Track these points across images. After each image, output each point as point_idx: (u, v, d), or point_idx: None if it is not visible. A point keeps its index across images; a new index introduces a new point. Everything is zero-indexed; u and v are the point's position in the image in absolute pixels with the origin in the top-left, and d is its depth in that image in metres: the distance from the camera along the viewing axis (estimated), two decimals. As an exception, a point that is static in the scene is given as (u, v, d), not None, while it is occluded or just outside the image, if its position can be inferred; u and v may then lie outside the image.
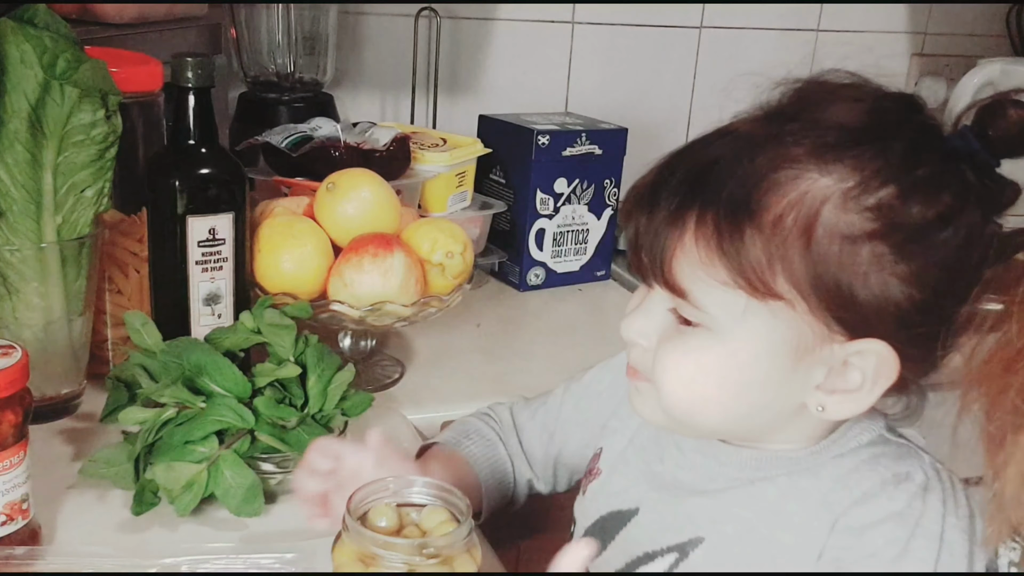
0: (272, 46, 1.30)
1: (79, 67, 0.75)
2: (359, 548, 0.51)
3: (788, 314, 0.52)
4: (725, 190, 0.51)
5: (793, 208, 0.50)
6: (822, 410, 0.54)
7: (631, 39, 1.59)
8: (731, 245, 0.51)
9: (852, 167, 0.51)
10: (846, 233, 0.50)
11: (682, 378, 0.56)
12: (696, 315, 0.54)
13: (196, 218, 0.81)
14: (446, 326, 1.09)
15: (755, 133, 0.54)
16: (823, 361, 0.53)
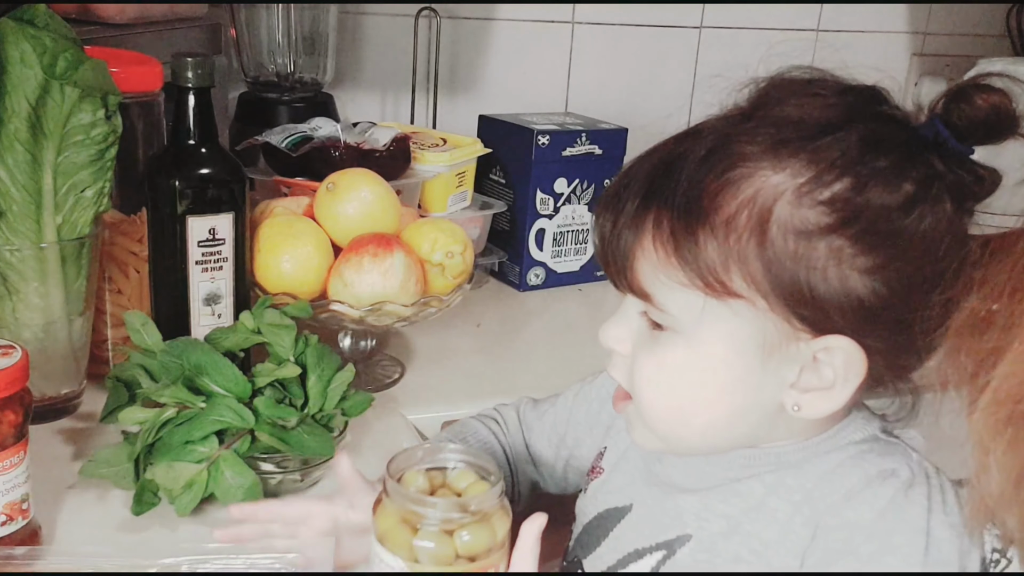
0: (272, 46, 1.30)
1: (79, 67, 0.75)
2: (400, 509, 0.52)
3: (750, 312, 0.51)
4: (680, 191, 0.51)
5: (746, 207, 0.50)
6: (798, 409, 0.54)
7: (631, 39, 1.59)
8: (686, 247, 0.51)
9: (807, 161, 0.50)
10: (801, 229, 0.50)
11: (660, 387, 0.56)
12: (662, 318, 0.54)
13: (196, 218, 0.81)
14: (446, 326, 1.09)
15: (713, 133, 0.53)
16: (793, 359, 0.53)
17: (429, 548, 0.52)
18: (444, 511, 0.52)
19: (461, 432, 0.77)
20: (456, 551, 0.52)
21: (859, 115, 0.52)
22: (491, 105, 1.48)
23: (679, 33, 1.62)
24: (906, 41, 1.82)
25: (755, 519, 0.57)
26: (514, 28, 1.53)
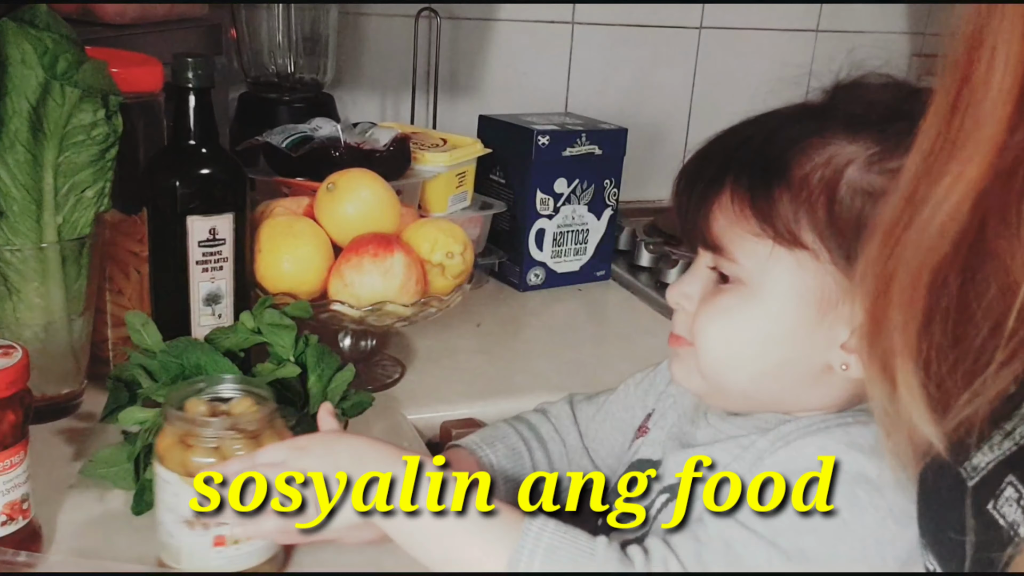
0: (272, 46, 1.30)
1: (80, 67, 0.75)
2: (178, 431, 0.60)
3: (813, 265, 0.55)
4: (760, 154, 0.57)
5: (820, 168, 0.55)
6: (846, 368, 0.56)
7: (631, 39, 1.59)
8: (762, 199, 0.56)
9: (878, 138, 0.55)
10: (868, 190, 0.54)
11: (718, 333, 0.59)
12: (731, 268, 0.58)
13: (196, 218, 0.81)
14: (446, 326, 1.09)
15: (791, 113, 0.59)
16: (846, 320, 0.55)
17: (204, 463, 0.59)
18: (216, 430, 0.60)
19: (490, 436, 0.77)
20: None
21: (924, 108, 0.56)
22: (491, 105, 1.48)
23: (679, 33, 1.62)
24: (906, 41, 1.82)
25: (741, 467, 0.59)
26: (514, 28, 1.53)
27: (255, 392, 0.65)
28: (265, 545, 0.63)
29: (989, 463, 0.45)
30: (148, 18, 1.09)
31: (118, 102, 0.78)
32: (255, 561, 0.63)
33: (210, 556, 0.62)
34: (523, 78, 1.55)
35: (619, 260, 1.38)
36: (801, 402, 0.60)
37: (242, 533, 0.61)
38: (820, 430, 0.58)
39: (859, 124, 0.56)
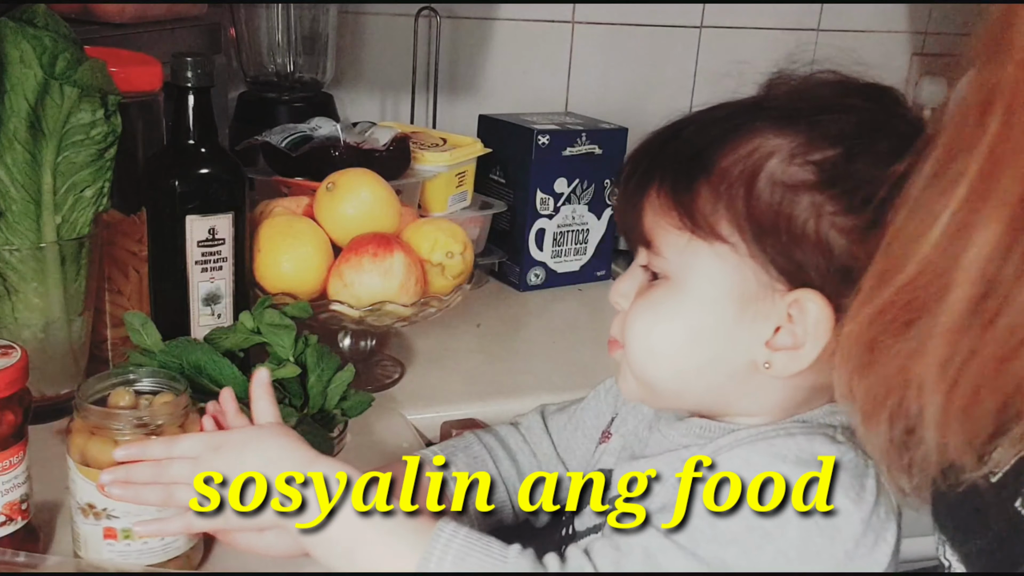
0: (272, 46, 1.30)
1: (79, 67, 0.75)
2: (87, 423, 0.61)
3: (732, 258, 0.55)
4: (687, 149, 0.57)
5: (742, 160, 0.55)
6: (768, 367, 0.55)
7: (631, 39, 1.59)
8: (684, 192, 0.56)
9: (805, 130, 0.54)
10: (787, 182, 0.53)
11: (642, 327, 0.59)
12: (658, 263, 0.58)
13: (196, 218, 0.81)
14: (446, 326, 1.09)
15: (721, 108, 0.59)
16: (768, 315, 0.55)
17: (98, 452, 0.59)
18: (120, 422, 0.60)
19: (452, 446, 0.75)
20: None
21: (865, 103, 0.56)
22: (491, 105, 1.48)
23: (679, 33, 1.62)
24: (906, 41, 1.82)
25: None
26: (514, 28, 1.53)
27: (171, 386, 0.65)
28: (168, 545, 0.63)
29: (1011, 459, 0.44)
30: (147, 17, 1.09)
31: (117, 101, 0.78)
32: (152, 559, 0.62)
33: (102, 548, 0.62)
34: (523, 77, 1.55)
35: (619, 260, 1.37)
36: (734, 404, 0.59)
37: (146, 531, 0.60)
38: (749, 442, 0.57)
39: (789, 118, 0.55)
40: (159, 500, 0.59)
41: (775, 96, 0.58)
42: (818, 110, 0.55)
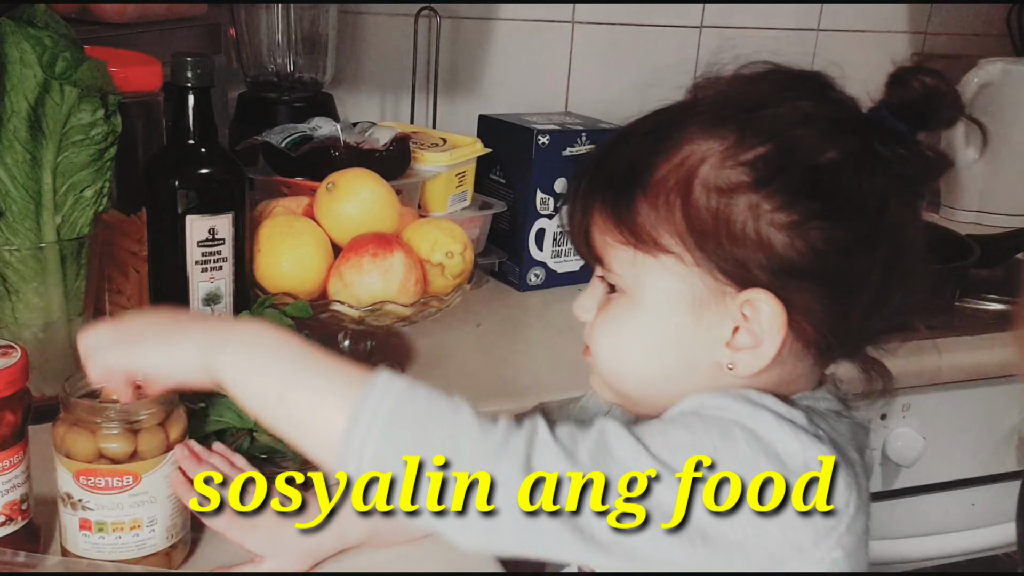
0: (272, 46, 1.30)
1: (79, 67, 0.75)
2: (71, 416, 0.62)
3: (679, 268, 0.55)
4: (622, 162, 0.58)
5: (675, 170, 0.55)
6: (732, 368, 0.56)
7: (631, 38, 1.59)
8: (623, 208, 0.56)
9: (735, 130, 0.54)
10: (722, 186, 0.54)
11: (605, 341, 0.60)
12: (612, 278, 0.59)
13: (196, 218, 0.81)
14: (446, 326, 1.09)
15: (654, 116, 0.59)
16: (724, 317, 0.55)
17: (111, 448, 0.61)
18: (98, 417, 0.61)
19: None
20: (133, 448, 0.61)
21: (795, 95, 0.56)
22: (491, 105, 1.47)
23: (679, 33, 1.62)
24: (907, 41, 1.82)
25: None
26: (514, 28, 1.53)
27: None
28: (143, 541, 0.63)
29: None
30: (147, 17, 1.09)
31: (117, 101, 0.78)
32: (126, 554, 0.63)
33: (79, 539, 0.62)
34: (523, 77, 1.55)
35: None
36: None
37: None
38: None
39: (718, 119, 0.55)
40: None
41: (703, 99, 0.58)
42: (746, 108, 0.55)
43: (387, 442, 0.49)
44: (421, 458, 0.48)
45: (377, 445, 0.49)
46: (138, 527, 0.62)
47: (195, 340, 0.55)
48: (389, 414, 0.49)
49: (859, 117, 0.56)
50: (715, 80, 0.59)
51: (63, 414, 0.63)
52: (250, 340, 0.54)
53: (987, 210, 1.65)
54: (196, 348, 0.55)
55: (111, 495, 0.61)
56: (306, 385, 0.52)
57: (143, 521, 0.63)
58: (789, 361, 0.56)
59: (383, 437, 0.49)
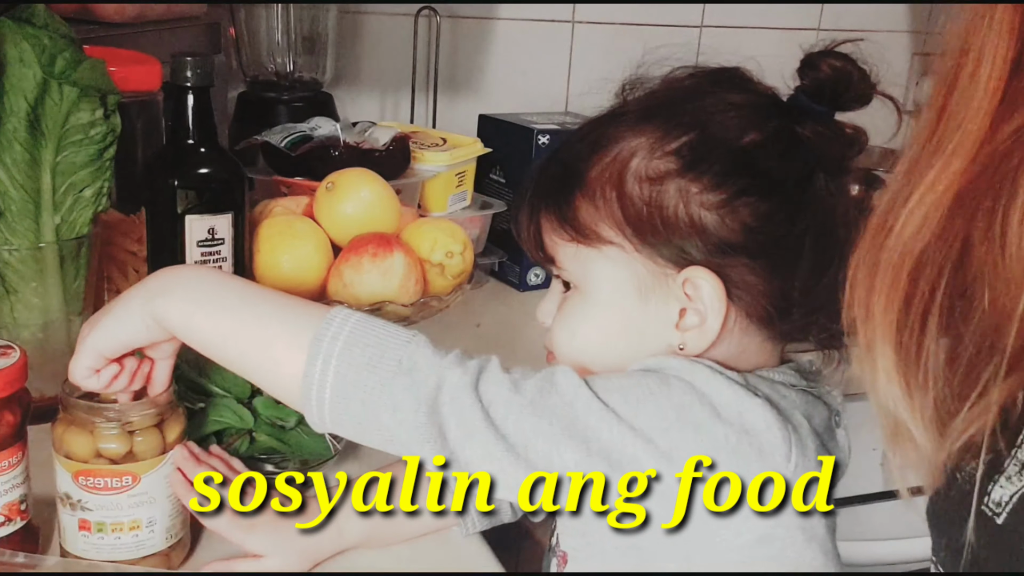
0: (271, 45, 1.30)
1: (78, 66, 0.75)
2: (69, 416, 0.62)
3: (622, 257, 0.58)
4: (561, 167, 0.62)
5: (608, 166, 0.59)
6: (683, 348, 0.58)
7: (631, 38, 1.59)
8: (565, 207, 0.60)
9: (660, 124, 0.58)
10: (652, 176, 0.57)
11: (564, 337, 0.62)
12: (564, 275, 0.62)
13: (195, 218, 0.81)
14: (446, 326, 1.09)
15: (589, 123, 0.63)
16: (669, 299, 0.58)
17: (110, 448, 0.61)
18: (93, 416, 0.61)
19: None
20: (131, 448, 0.61)
21: (716, 88, 0.59)
22: (491, 104, 1.47)
23: (680, 32, 1.62)
24: (907, 40, 1.82)
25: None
26: (514, 27, 1.53)
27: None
28: (143, 541, 0.63)
29: (1012, 496, 0.45)
30: (146, 17, 1.09)
31: (116, 101, 0.78)
32: (126, 554, 0.63)
33: (78, 539, 0.63)
34: (523, 77, 1.55)
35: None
36: None
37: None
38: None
39: (644, 117, 0.59)
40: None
41: (630, 101, 0.62)
42: (670, 103, 0.59)
43: (347, 360, 0.53)
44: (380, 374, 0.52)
45: (338, 364, 0.52)
46: (137, 527, 0.62)
47: (137, 297, 0.58)
48: (349, 335, 0.53)
49: (778, 103, 0.59)
50: (641, 83, 0.63)
51: (62, 414, 0.62)
52: (190, 283, 0.58)
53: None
54: (139, 304, 0.58)
55: (110, 495, 0.61)
56: (259, 316, 0.56)
57: (142, 521, 0.62)
58: (736, 336, 0.58)
59: (343, 356, 0.53)
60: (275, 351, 0.55)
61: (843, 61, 0.58)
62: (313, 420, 0.54)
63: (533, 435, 0.52)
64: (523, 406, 0.52)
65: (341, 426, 0.54)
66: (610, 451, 0.51)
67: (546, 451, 0.51)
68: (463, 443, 0.52)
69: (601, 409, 0.52)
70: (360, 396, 0.53)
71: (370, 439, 0.55)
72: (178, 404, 0.65)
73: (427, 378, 0.52)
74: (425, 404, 0.52)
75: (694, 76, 0.61)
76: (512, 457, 0.51)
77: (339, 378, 0.53)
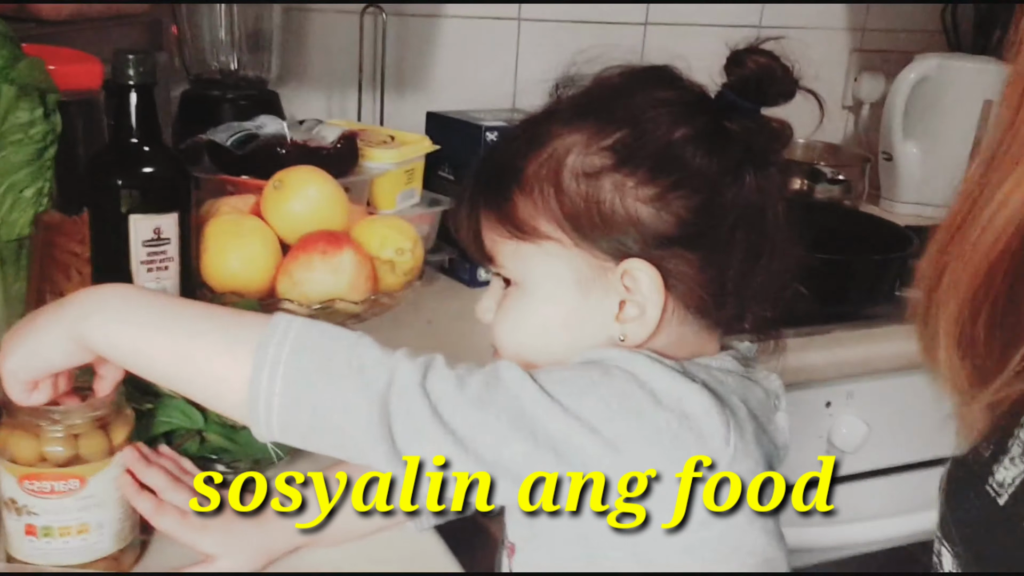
0: (215, 43, 1.28)
1: (15, 65, 0.74)
2: (13, 420, 0.61)
3: (561, 251, 0.59)
4: (498, 166, 0.62)
5: (545, 163, 0.59)
6: (623, 339, 0.59)
7: (577, 36, 1.60)
8: (504, 204, 0.60)
9: (594, 121, 0.59)
10: (587, 171, 0.58)
11: (506, 333, 0.63)
12: (505, 273, 0.62)
13: (140, 217, 0.80)
14: (397, 323, 1.09)
15: (524, 122, 0.64)
16: (609, 291, 0.59)
17: (55, 452, 0.60)
18: (36, 418, 0.60)
19: None
20: (77, 451, 0.61)
21: (646, 86, 0.61)
22: (438, 102, 1.47)
23: (624, 30, 1.63)
24: (845, 37, 1.86)
25: None
26: (460, 25, 1.53)
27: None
28: (92, 545, 0.63)
29: (1016, 478, 0.46)
30: (85, 15, 1.07)
31: (56, 100, 0.77)
32: (74, 558, 0.62)
33: (24, 544, 0.62)
34: (470, 74, 1.55)
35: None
36: None
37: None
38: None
39: (578, 115, 0.60)
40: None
41: (564, 100, 0.63)
42: (603, 101, 0.60)
43: (294, 365, 0.52)
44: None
45: (286, 370, 0.52)
46: (85, 531, 0.61)
47: (56, 322, 0.56)
48: (295, 340, 0.53)
49: (706, 99, 0.61)
50: (574, 81, 0.64)
51: (5, 418, 0.62)
52: (113, 302, 0.57)
53: (925, 201, 1.69)
54: (60, 329, 0.56)
55: (56, 499, 0.60)
56: (193, 331, 0.55)
57: (91, 525, 0.62)
58: (675, 326, 0.60)
59: (290, 361, 0.52)
60: (214, 364, 0.54)
61: (767, 57, 0.60)
62: (260, 430, 0.53)
63: (481, 429, 0.52)
64: (470, 401, 0.53)
65: (290, 434, 0.54)
66: (557, 441, 0.52)
67: (494, 445, 0.52)
68: (413, 440, 0.52)
69: (547, 401, 0.52)
70: (311, 400, 0.52)
71: (320, 445, 0.54)
72: (125, 405, 0.64)
73: (377, 377, 0.52)
74: (377, 404, 0.52)
75: (625, 75, 0.62)
76: (461, 452, 0.52)
77: (288, 384, 0.52)
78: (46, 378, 0.59)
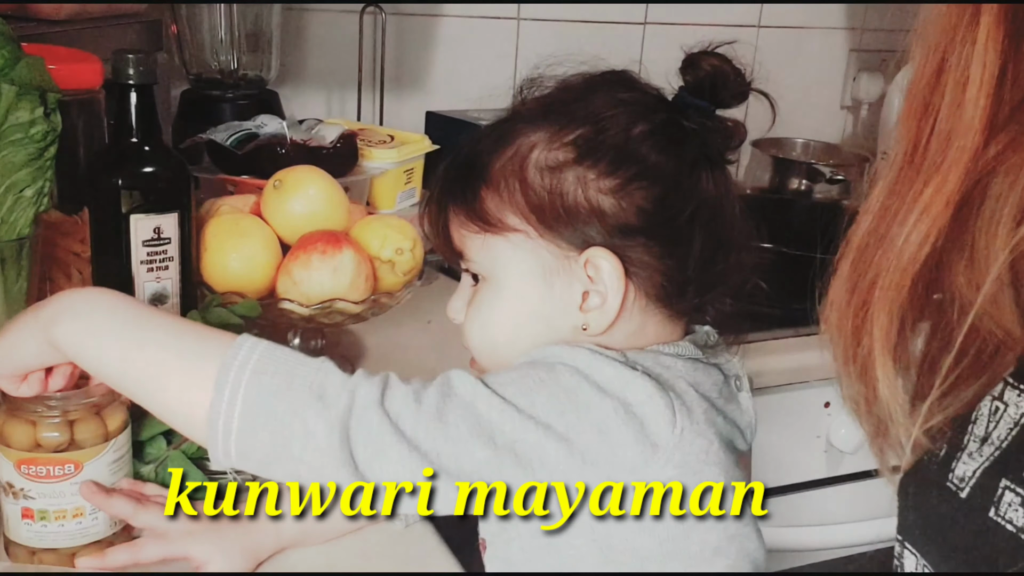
0: (214, 43, 1.28)
1: (16, 64, 0.74)
2: (9, 406, 0.62)
3: (528, 243, 0.61)
4: (465, 166, 0.64)
5: (511, 159, 0.62)
6: (586, 328, 0.61)
7: (576, 35, 1.60)
8: (472, 199, 0.62)
9: (557, 120, 0.62)
10: (551, 165, 0.60)
11: (475, 326, 0.64)
12: (473, 267, 0.64)
13: (140, 217, 0.80)
14: (397, 323, 1.09)
15: (494, 121, 0.66)
16: (573, 281, 0.61)
17: (51, 437, 0.62)
18: (33, 404, 0.61)
19: None
20: (73, 437, 0.62)
21: (607, 88, 0.63)
22: (438, 101, 1.48)
23: (624, 29, 1.63)
24: (844, 37, 1.86)
25: None
26: (460, 24, 1.53)
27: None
28: (87, 528, 0.64)
29: (976, 471, 0.46)
30: (85, 14, 1.07)
31: (56, 99, 0.77)
32: (70, 541, 0.63)
33: (21, 528, 0.63)
34: (469, 74, 1.55)
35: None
36: None
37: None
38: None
39: (542, 114, 0.62)
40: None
41: (528, 101, 0.65)
42: (565, 102, 0.63)
43: (255, 387, 0.52)
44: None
45: (246, 393, 0.52)
46: (80, 515, 0.63)
47: (31, 324, 0.59)
48: (257, 363, 0.53)
49: (663, 99, 0.64)
50: (538, 84, 0.66)
51: (3, 405, 0.63)
52: (83, 309, 0.58)
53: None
54: (34, 330, 0.58)
55: (53, 483, 0.62)
56: (158, 344, 0.56)
57: (85, 509, 0.63)
58: (637, 315, 0.61)
59: (251, 384, 0.52)
60: (177, 380, 0.54)
61: (720, 60, 0.63)
62: (217, 454, 0.53)
63: (443, 441, 0.52)
64: (429, 415, 0.53)
65: (248, 457, 0.53)
66: (515, 442, 0.53)
67: (457, 454, 0.52)
68: (375, 461, 0.52)
69: (500, 404, 0.54)
70: (270, 425, 0.52)
71: (277, 470, 0.54)
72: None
73: (337, 402, 0.52)
74: (338, 428, 0.52)
75: (586, 78, 0.64)
76: (427, 465, 0.52)
77: (247, 406, 0.52)
78: (35, 373, 0.61)
